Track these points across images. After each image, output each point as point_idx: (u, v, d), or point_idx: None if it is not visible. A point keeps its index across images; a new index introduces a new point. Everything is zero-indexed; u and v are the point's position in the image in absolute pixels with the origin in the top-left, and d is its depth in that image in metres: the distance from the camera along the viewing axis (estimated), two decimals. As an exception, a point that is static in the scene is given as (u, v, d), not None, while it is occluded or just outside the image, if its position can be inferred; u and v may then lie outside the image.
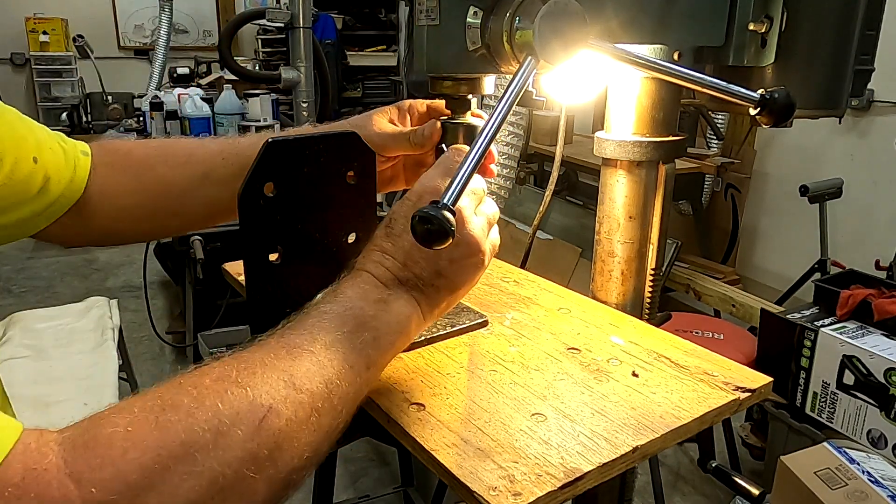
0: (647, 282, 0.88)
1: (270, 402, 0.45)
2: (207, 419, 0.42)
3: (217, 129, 3.63)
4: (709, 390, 0.66)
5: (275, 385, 0.46)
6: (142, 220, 0.77)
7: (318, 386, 0.48)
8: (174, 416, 0.42)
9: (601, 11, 0.69)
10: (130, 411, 0.42)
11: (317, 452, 0.49)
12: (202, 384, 0.45)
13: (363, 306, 0.55)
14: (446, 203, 0.50)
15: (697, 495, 2.35)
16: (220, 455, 0.41)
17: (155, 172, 0.75)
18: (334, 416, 0.50)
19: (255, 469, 0.43)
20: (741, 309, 2.60)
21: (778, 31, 0.79)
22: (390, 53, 5.97)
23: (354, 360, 0.52)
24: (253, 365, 0.47)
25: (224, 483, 0.41)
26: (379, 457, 2.51)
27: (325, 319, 0.53)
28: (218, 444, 0.41)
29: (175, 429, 0.41)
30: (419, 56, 0.66)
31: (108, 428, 0.40)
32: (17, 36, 6.08)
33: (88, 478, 0.37)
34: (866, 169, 3.35)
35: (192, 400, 0.43)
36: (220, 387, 0.44)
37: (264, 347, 0.50)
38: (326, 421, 0.49)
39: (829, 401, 1.93)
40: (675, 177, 0.86)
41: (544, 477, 0.52)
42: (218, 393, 0.44)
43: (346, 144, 0.68)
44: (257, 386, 0.45)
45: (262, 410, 0.44)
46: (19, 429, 0.39)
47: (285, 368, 0.47)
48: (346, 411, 0.52)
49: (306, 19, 2.82)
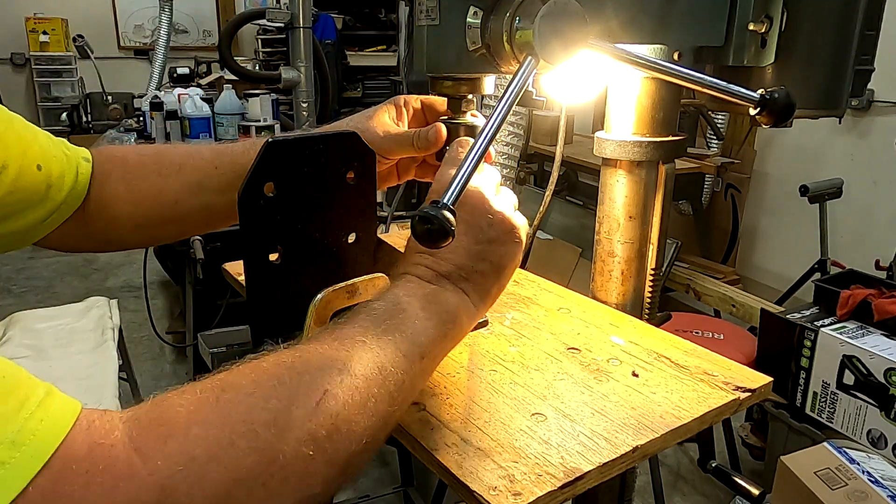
0: (647, 282, 0.88)
1: (326, 385, 0.46)
2: (266, 398, 0.43)
3: (217, 129, 3.63)
4: (709, 390, 0.66)
5: (329, 370, 0.47)
6: (137, 227, 0.77)
7: (372, 371, 0.49)
8: (234, 395, 0.43)
9: (601, 11, 0.69)
10: (192, 392, 0.43)
11: (374, 439, 0.49)
12: (259, 368, 0.46)
13: (411, 300, 0.56)
14: (446, 203, 0.50)
15: (697, 495, 2.35)
16: (281, 433, 0.42)
17: (148, 181, 0.76)
18: (390, 403, 0.50)
19: (313, 449, 0.44)
20: (741, 309, 2.60)
21: (778, 31, 0.79)
22: (390, 53, 5.97)
23: (407, 350, 0.52)
24: (307, 353, 0.48)
25: (284, 461, 0.42)
26: (379, 457, 2.51)
27: (375, 313, 0.54)
28: (278, 422, 0.42)
29: (236, 408, 0.42)
30: (419, 56, 0.66)
31: (172, 408, 0.41)
32: (17, 36, 6.08)
33: (154, 452, 0.38)
34: (866, 169, 3.35)
35: (251, 382, 0.44)
36: (276, 371, 0.46)
37: (317, 339, 0.51)
38: (382, 407, 0.49)
39: (829, 401, 1.93)
40: (675, 177, 0.86)
41: (544, 477, 0.52)
42: (275, 376, 0.45)
43: (346, 144, 0.68)
44: (313, 371, 0.46)
45: (318, 392, 0.45)
46: (78, 406, 0.40)
47: (339, 356, 0.48)
48: (402, 399, 0.52)
49: (306, 19, 2.82)
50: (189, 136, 3.60)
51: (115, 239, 0.78)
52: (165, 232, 0.80)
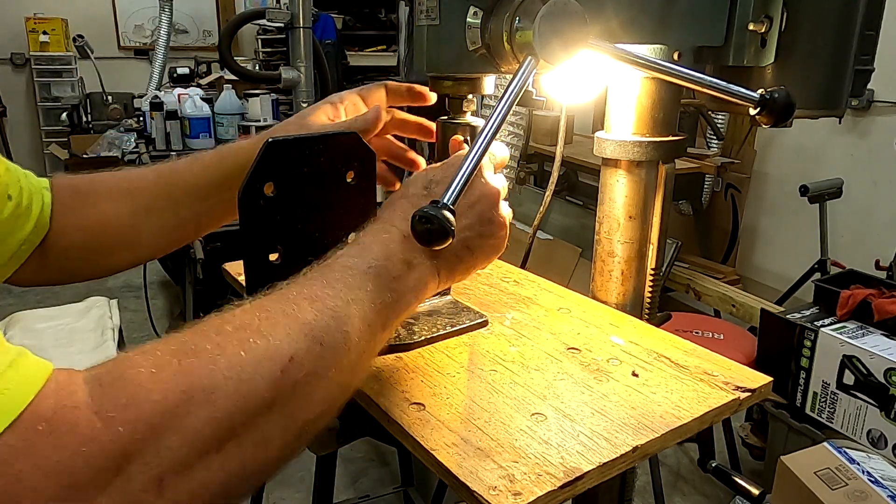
0: (647, 282, 0.88)
1: (292, 353, 0.45)
2: (230, 366, 0.43)
3: (217, 128, 3.63)
4: (709, 390, 0.66)
5: (297, 337, 0.46)
6: (91, 256, 0.76)
7: (338, 342, 0.49)
8: (196, 361, 0.42)
9: (601, 11, 0.69)
10: (154, 354, 0.42)
11: (332, 406, 0.50)
12: (225, 331, 0.45)
13: (387, 266, 0.55)
14: (446, 203, 0.50)
15: (697, 495, 2.35)
16: (241, 402, 0.42)
17: (97, 209, 0.74)
18: (351, 374, 0.50)
19: (272, 418, 0.44)
20: (741, 309, 2.60)
21: (778, 31, 0.79)
22: (390, 53, 5.97)
23: (373, 320, 0.52)
24: (276, 315, 0.47)
25: (241, 430, 0.42)
26: (379, 457, 2.51)
27: (349, 275, 0.53)
28: (239, 391, 0.42)
29: (198, 373, 0.42)
30: (419, 56, 0.66)
31: (133, 369, 0.41)
32: (17, 36, 6.07)
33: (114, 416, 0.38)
34: (866, 169, 3.35)
35: (215, 346, 0.44)
36: (243, 335, 0.45)
37: (286, 297, 0.50)
38: (343, 378, 0.49)
39: (829, 401, 1.93)
40: (675, 177, 0.86)
41: (544, 476, 0.52)
42: (241, 341, 0.44)
43: (346, 144, 0.68)
44: (280, 336, 0.46)
45: (283, 361, 0.45)
46: (50, 367, 0.40)
47: (308, 321, 0.48)
48: (360, 370, 0.52)
49: (306, 19, 2.82)
50: (189, 136, 3.60)
51: (69, 270, 0.76)
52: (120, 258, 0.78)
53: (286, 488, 2.33)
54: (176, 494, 0.39)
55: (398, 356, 0.72)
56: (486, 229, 0.62)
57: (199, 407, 0.41)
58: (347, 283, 0.52)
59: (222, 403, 0.41)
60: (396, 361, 0.71)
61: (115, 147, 3.99)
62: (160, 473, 0.39)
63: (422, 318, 0.78)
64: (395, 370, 0.69)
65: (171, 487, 0.39)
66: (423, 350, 0.73)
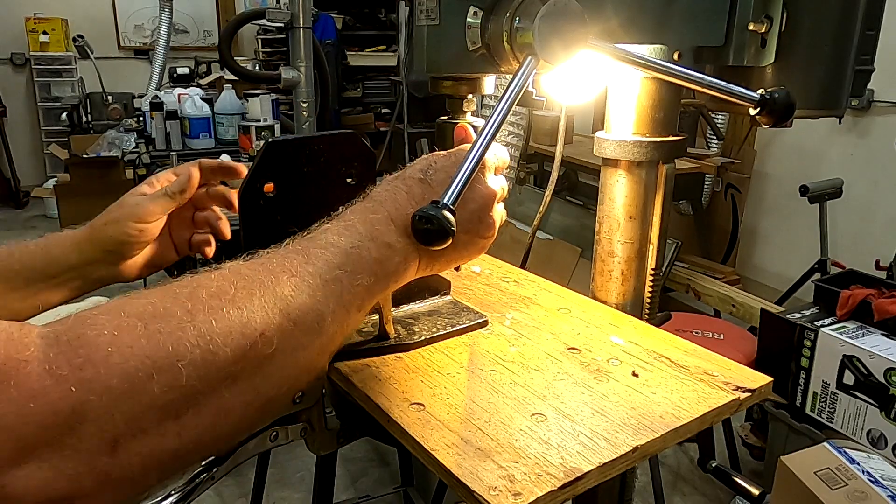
0: (647, 282, 0.88)
1: (264, 328, 0.45)
2: (199, 335, 0.42)
3: (217, 128, 3.63)
4: (709, 390, 0.66)
5: (271, 312, 0.46)
6: None
7: (311, 322, 0.48)
8: (165, 326, 0.42)
9: (601, 11, 0.69)
10: (118, 315, 0.41)
11: (294, 384, 0.49)
12: (197, 297, 0.44)
13: (370, 247, 0.54)
14: (446, 203, 0.51)
15: (697, 495, 2.35)
16: (205, 373, 0.42)
17: None
18: (320, 354, 0.50)
19: (234, 391, 0.43)
20: (741, 309, 2.60)
21: (778, 31, 0.79)
22: (390, 53, 5.97)
23: (348, 301, 0.52)
24: (252, 285, 0.47)
25: (202, 400, 0.42)
26: (379, 457, 2.51)
27: (332, 253, 0.52)
28: (205, 362, 0.42)
29: (164, 340, 0.41)
30: (419, 56, 0.66)
31: (94, 329, 0.40)
32: (17, 36, 6.07)
33: (68, 376, 0.38)
34: (866, 169, 3.35)
35: (186, 313, 0.43)
36: (215, 303, 0.44)
37: (266, 267, 0.49)
38: (312, 358, 0.49)
39: (829, 401, 1.93)
40: (675, 177, 0.86)
41: (544, 477, 0.52)
42: (213, 309, 0.44)
43: (346, 144, 0.68)
44: (254, 309, 0.45)
45: (254, 335, 0.44)
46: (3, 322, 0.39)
47: (283, 296, 0.47)
48: (329, 351, 0.52)
49: (306, 19, 2.82)
50: (189, 136, 3.61)
51: None
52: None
53: (286, 488, 2.33)
54: (129, 457, 0.39)
55: (398, 356, 0.72)
56: (474, 228, 0.61)
57: (161, 374, 0.40)
58: (328, 261, 0.51)
59: (187, 372, 0.41)
60: (396, 361, 0.71)
61: (115, 147, 3.99)
62: (115, 436, 0.38)
63: (422, 318, 0.78)
64: (395, 370, 0.69)
65: (125, 450, 0.39)
66: (423, 350, 0.73)
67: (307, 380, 0.51)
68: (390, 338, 0.73)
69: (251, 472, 2.03)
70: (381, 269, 0.55)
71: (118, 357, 0.39)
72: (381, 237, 0.55)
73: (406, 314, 0.80)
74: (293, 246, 0.52)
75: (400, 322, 0.77)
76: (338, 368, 0.69)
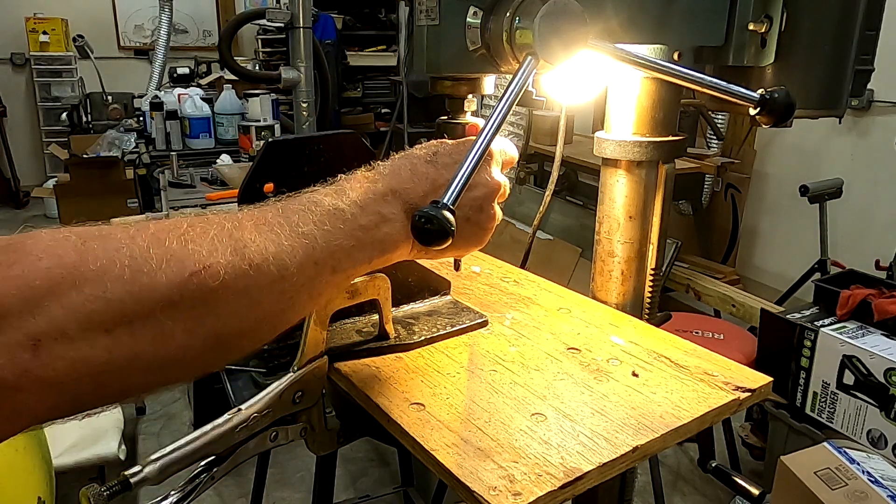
0: (647, 282, 0.88)
1: (210, 261, 0.45)
2: (132, 256, 0.43)
3: (217, 128, 3.63)
4: (709, 390, 0.66)
5: (222, 250, 0.46)
6: None
7: (269, 266, 0.48)
8: (101, 244, 0.43)
9: (601, 11, 0.69)
10: (62, 231, 0.43)
11: (256, 329, 0.49)
12: (145, 227, 0.45)
13: (357, 213, 0.54)
14: (446, 203, 0.50)
15: (697, 495, 2.35)
16: (135, 291, 0.42)
17: None
18: (281, 302, 0.50)
19: (174, 316, 0.44)
20: (741, 309, 2.60)
21: (778, 30, 0.79)
22: (390, 53, 5.97)
23: (321, 259, 0.51)
24: (211, 226, 0.47)
25: (134, 318, 0.42)
26: (379, 457, 2.51)
27: (311, 210, 0.52)
28: (135, 280, 0.42)
29: (95, 255, 0.42)
30: (419, 56, 0.66)
31: (33, 238, 0.42)
32: (17, 36, 6.07)
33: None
34: (866, 169, 3.35)
35: (126, 237, 0.44)
36: (161, 235, 0.45)
37: (235, 216, 0.50)
38: (273, 303, 0.49)
39: (829, 401, 1.93)
40: (675, 177, 0.86)
41: (544, 477, 0.52)
42: (156, 239, 0.45)
43: (346, 144, 0.68)
44: (203, 245, 0.46)
45: (195, 265, 0.45)
46: None
47: (241, 238, 0.48)
48: (298, 304, 0.51)
49: (306, 19, 2.82)
50: (189, 136, 3.60)
51: None
52: None
53: (286, 488, 2.33)
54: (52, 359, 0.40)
55: (398, 356, 0.72)
56: (475, 216, 0.61)
57: (86, 284, 0.41)
58: (303, 216, 0.51)
59: (114, 286, 0.42)
60: (396, 361, 0.71)
61: (115, 147, 3.99)
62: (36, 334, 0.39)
63: (422, 318, 0.78)
64: (395, 370, 0.69)
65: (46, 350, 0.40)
66: (423, 350, 0.73)
67: (269, 333, 0.51)
68: (390, 338, 0.73)
69: (251, 472, 2.03)
70: (367, 235, 0.54)
71: (46, 262, 0.40)
72: (371, 205, 0.55)
73: (406, 314, 0.80)
74: (273, 201, 0.53)
75: (400, 322, 0.77)
76: (338, 368, 0.69)
